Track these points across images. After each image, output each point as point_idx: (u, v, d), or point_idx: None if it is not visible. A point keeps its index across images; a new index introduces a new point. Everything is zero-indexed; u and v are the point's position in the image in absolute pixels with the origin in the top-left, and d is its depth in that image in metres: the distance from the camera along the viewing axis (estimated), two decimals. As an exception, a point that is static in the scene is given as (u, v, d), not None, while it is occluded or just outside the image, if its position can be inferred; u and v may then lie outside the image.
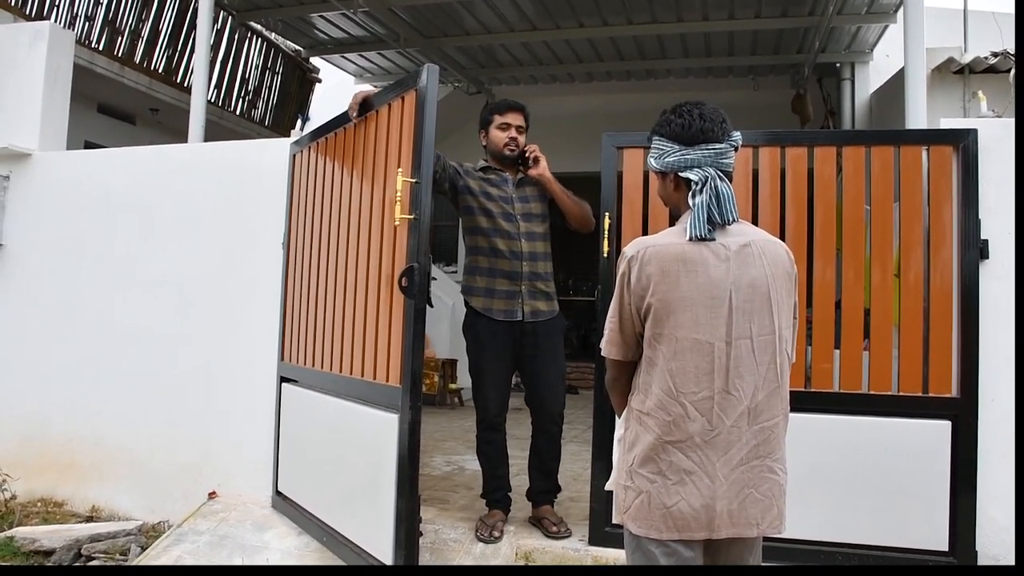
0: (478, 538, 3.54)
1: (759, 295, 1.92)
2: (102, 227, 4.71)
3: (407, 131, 3.21)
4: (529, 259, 3.64)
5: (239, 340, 4.33)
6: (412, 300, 3.06)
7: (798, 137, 3.73)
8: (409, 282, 3.05)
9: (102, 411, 4.59)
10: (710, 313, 1.90)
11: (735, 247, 1.93)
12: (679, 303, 1.90)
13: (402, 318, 3.12)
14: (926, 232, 3.33)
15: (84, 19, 6.95)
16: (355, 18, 6.81)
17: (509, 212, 3.65)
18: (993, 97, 4.93)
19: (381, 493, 3.16)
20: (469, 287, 3.74)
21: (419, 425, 3.06)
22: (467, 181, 3.69)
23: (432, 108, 3.10)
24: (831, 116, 7.82)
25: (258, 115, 9.44)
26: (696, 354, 1.90)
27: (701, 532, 1.89)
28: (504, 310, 3.63)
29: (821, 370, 3.38)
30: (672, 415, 1.91)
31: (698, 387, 1.90)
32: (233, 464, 4.27)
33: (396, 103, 3.33)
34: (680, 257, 1.91)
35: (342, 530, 3.51)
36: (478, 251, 3.71)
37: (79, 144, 6.97)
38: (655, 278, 1.91)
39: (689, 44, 7.31)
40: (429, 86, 3.10)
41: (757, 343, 1.92)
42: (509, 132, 3.68)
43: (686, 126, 1.98)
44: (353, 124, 3.66)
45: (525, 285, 3.63)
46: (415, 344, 3.06)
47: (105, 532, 4.02)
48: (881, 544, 3.24)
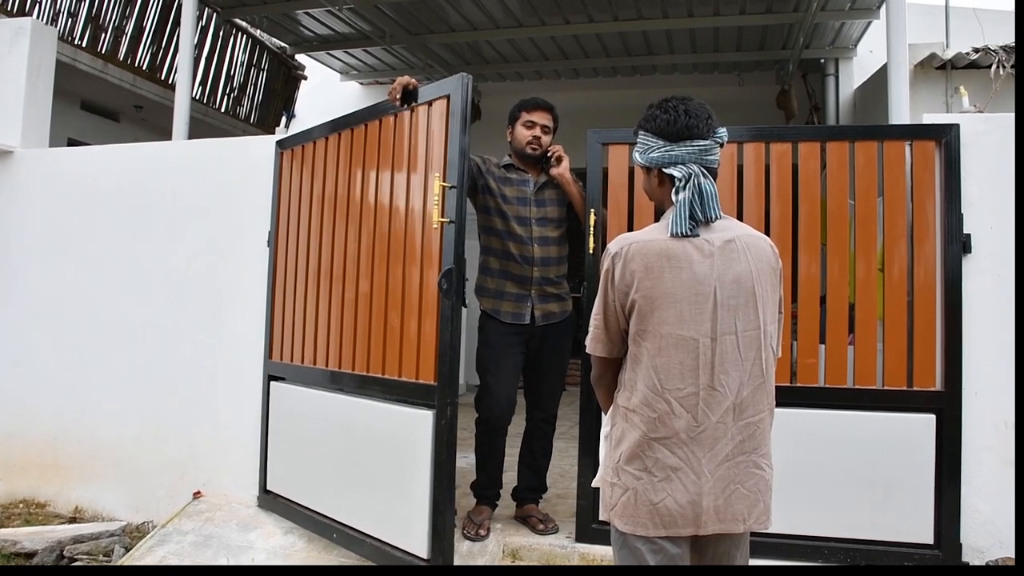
0: (464, 535, 3.51)
1: (744, 291, 1.92)
2: (86, 225, 4.67)
3: (440, 137, 3.21)
4: (541, 264, 3.61)
5: (225, 338, 4.30)
6: (450, 301, 3.08)
7: (782, 132, 3.73)
8: (448, 284, 3.08)
9: (86, 409, 4.56)
10: (695, 309, 1.89)
11: (719, 243, 1.93)
12: (663, 299, 1.89)
13: (435, 318, 3.14)
14: (910, 227, 3.35)
15: (67, 15, 6.87)
16: (341, 15, 6.77)
17: (524, 216, 3.62)
18: (975, 92, 4.97)
19: (414, 487, 3.17)
20: (480, 287, 3.72)
21: (456, 419, 3.11)
22: (487, 180, 3.66)
23: (467, 115, 3.14)
24: (816, 111, 7.86)
25: (243, 112, 9.38)
26: (681, 350, 1.90)
27: (688, 528, 1.89)
28: (512, 312, 3.61)
29: (806, 365, 3.39)
30: (657, 411, 1.91)
31: (683, 383, 1.90)
32: (219, 463, 4.25)
33: (424, 108, 3.33)
34: (664, 253, 1.91)
35: (358, 525, 3.48)
36: (491, 252, 3.69)
37: (62, 142, 6.90)
38: (639, 274, 1.91)
39: (675, 40, 7.31)
40: (464, 94, 3.13)
41: (742, 339, 1.92)
42: (533, 131, 3.63)
43: (671, 122, 1.97)
44: (364, 126, 3.64)
45: (535, 289, 3.62)
46: (452, 342, 3.08)
47: (88, 533, 3.99)
48: (866, 538, 3.26)
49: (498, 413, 3.59)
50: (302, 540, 3.70)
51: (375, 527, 3.40)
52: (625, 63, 7.97)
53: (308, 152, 4.05)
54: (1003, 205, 3.33)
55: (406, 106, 3.37)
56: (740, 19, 6.57)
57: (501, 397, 3.57)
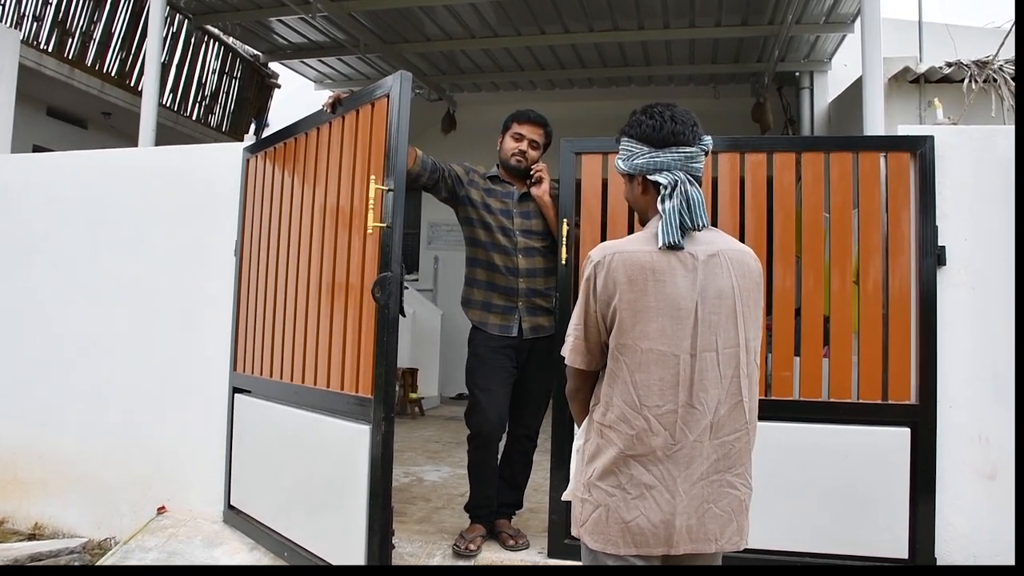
0: (455, 551, 3.43)
1: (725, 307, 1.88)
2: (48, 233, 4.55)
3: (378, 138, 3.14)
4: (526, 275, 3.55)
5: (191, 350, 4.20)
6: (385, 309, 2.99)
7: (757, 143, 3.71)
8: (382, 291, 2.98)
9: (47, 423, 4.43)
10: (676, 325, 1.84)
11: (703, 256, 1.88)
12: (645, 313, 1.84)
13: (373, 328, 3.04)
14: (884, 239, 3.33)
15: (32, 19, 6.75)
16: (314, 23, 6.72)
17: (507, 227, 3.57)
18: (947, 106, 4.97)
19: (352, 507, 3.08)
20: (467, 299, 3.66)
21: (392, 436, 3.00)
22: (468, 191, 3.60)
23: (405, 115, 3.06)
24: (791, 124, 7.91)
25: (215, 121, 9.28)
26: (660, 367, 1.85)
27: (659, 548, 1.84)
28: (500, 324, 3.55)
29: (781, 378, 3.36)
30: (635, 428, 1.86)
31: (662, 400, 1.85)
32: (184, 477, 4.13)
33: (366, 109, 3.26)
34: (648, 266, 1.85)
35: (305, 544, 3.40)
36: (477, 263, 3.63)
37: (27, 148, 6.79)
38: (622, 286, 1.85)
39: (650, 52, 7.33)
40: (402, 93, 3.05)
41: (722, 356, 1.87)
42: (520, 144, 3.59)
43: (657, 127, 1.92)
44: (316, 130, 3.59)
45: (522, 302, 3.55)
46: (388, 354, 2.98)
47: (47, 551, 3.86)
48: (841, 553, 3.22)
49: (488, 429, 3.50)
50: (267, 557, 3.60)
51: (319, 546, 3.33)
52: (601, 74, 7.99)
53: (269, 159, 3.98)
54: (978, 217, 3.31)
55: (334, 114, 3.45)
56: (715, 31, 6.61)
57: (492, 412, 3.49)
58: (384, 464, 2.97)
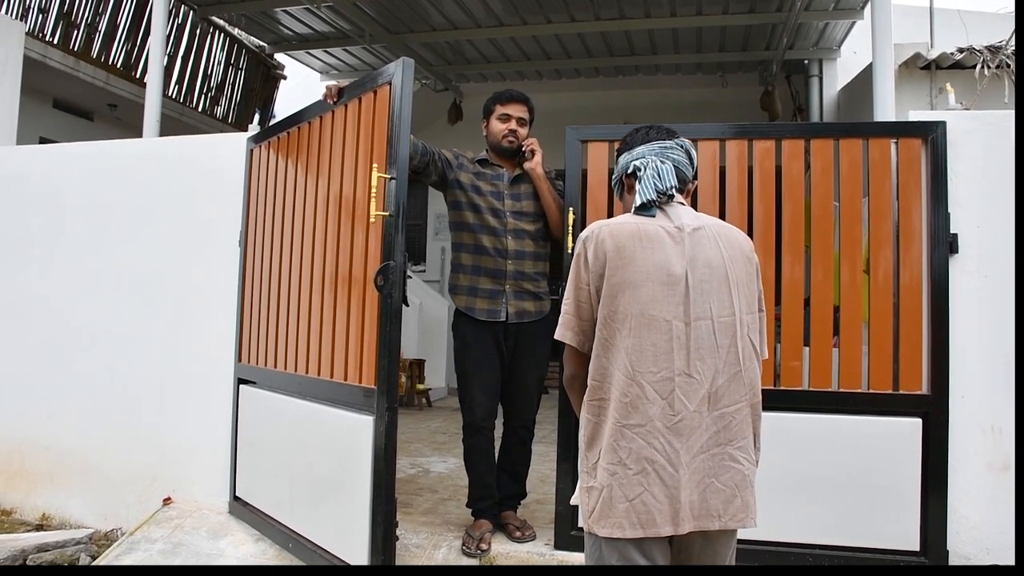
0: (464, 552, 3.37)
1: (716, 275, 1.91)
2: (53, 225, 4.54)
3: (380, 126, 3.10)
4: (515, 257, 3.52)
5: (196, 341, 4.18)
6: (388, 299, 2.96)
7: (766, 130, 3.66)
8: (384, 280, 2.94)
9: (53, 415, 4.42)
10: (667, 290, 1.87)
11: (689, 229, 1.95)
12: (635, 277, 1.87)
13: (376, 318, 3.01)
14: (895, 227, 3.28)
15: (37, 11, 6.74)
16: (320, 14, 6.69)
17: (497, 208, 3.53)
18: (959, 93, 4.92)
19: (355, 498, 3.06)
20: (454, 285, 3.62)
21: (395, 427, 2.98)
22: (458, 175, 3.57)
23: (408, 103, 3.02)
24: (799, 113, 7.85)
25: (221, 112, 9.27)
26: (652, 331, 1.85)
27: (666, 527, 1.81)
28: (487, 309, 3.51)
29: (790, 368, 3.32)
30: (630, 396, 1.85)
31: (656, 367, 1.85)
32: (189, 469, 4.12)
33: (368, 97, 3.22)
34: (635, 234, 1.92)
35: (310, 535, 3.38)
36: (463, 248, 3.59)
37: (34, 140, 6.78)
38: (611, 254, 1.90)
39: (657, 40, 7.27)
40: (404, 81, 3.02)
41: (718, 324, 1.89)
42: (509, 124, 3.57)
43: (636, 132, 2.16)
44: (319, 118, 3.55)
45: (510, 284, 3.52)
46: (391, 344, 2.96)
47: (53, 541, 3.85)
48: (852, 545, 3.18)
49: (481, 414, 3.49)
50: (273, 548, 3.59)
51: (323, 537, 3.31)
52: (607, 64, 7.94)
53: (273, 149, 3.95)
54: (991, 205, 3.26)
55: (335, 104, 3.43)
56: (723, 19, 6.54)
57: (482, 397, 3.48)
58: (387, 455, 2.95)
